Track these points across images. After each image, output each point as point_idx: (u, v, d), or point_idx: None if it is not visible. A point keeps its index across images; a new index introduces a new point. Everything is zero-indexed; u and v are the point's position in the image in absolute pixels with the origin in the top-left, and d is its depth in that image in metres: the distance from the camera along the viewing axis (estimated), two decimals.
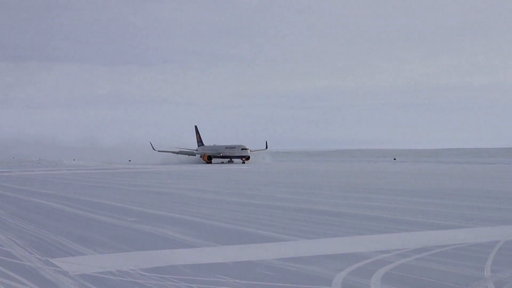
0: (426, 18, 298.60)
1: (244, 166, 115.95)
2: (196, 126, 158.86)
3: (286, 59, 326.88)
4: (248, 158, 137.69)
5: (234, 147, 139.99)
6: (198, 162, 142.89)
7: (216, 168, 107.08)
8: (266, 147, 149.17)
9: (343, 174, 76.36)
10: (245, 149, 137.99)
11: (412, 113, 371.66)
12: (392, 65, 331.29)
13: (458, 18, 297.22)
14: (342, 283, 13.67)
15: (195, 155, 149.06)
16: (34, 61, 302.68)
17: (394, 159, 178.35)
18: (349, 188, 47.88)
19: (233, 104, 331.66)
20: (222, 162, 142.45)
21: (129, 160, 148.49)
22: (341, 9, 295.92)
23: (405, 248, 18.12)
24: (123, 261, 16.38)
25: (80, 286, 13.55)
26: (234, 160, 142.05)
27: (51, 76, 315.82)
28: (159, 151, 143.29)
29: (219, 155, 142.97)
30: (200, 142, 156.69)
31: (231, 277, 14.32)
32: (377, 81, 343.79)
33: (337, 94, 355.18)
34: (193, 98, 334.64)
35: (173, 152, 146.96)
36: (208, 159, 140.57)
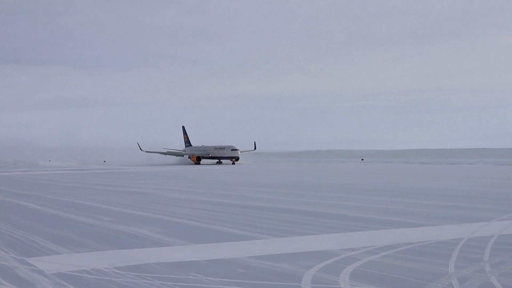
0: (390, 23, 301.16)
1: (216, 167, 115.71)
2: (183, 126, 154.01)
3: (259, 63, 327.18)
4: (237, 159, 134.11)
5: (224, 148, 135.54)
6: (186, 163, 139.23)
7: (197, 168, 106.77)
8: (255, 148, 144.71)
9: (313, 174, 76.59)
10: (235, 149, 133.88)
11: (379, 115, 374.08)
12: (359, 69, 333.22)
13: (421, 23, 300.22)
14: (312, 280, 13.73)
15: (183, 155, 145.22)
16: (11, 64, 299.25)
17: (362, 159, 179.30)
18: (318, 187, 48.05)
19: (207, 106, 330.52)
20: (219, 161, 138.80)
21: (104, 161, 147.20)
22: (311, 14, 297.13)
23: (373, 246, 18.24)
24: (98, 260, 16.27)
25: (56, 285, 13.43)
26: (223, 161, 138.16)
27: (28, 78, 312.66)
28: (146, 151, 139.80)
29: (208, 155, 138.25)
30: (187, 142, 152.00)
31: (204, 275, 14.29)
32: (345, 84, 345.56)
33: (309, 96, 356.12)
34: (168, 100, 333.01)
35: (160, 153, 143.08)
36: (197, 160, 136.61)
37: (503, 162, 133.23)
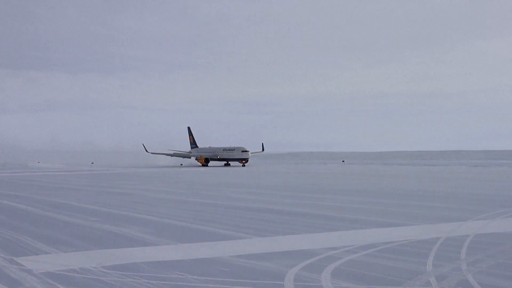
0: (369, 29, 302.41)
1: (202, 169, 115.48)
2: (189, 127, 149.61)
3: (242, 67, 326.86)
4: (247, 160, 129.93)
5: (234, 149, 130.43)
6: (193, 165, 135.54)
7: (182, 170, 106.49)
8: (263, 149, 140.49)
9: (295, 176, 76.69)
10: (246, 151, 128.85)
11: (359, 118, 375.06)
12: (339, 73, 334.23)
13: (399, 30, 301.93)
14: (294, 278, 13.70)
15: (190, 157, 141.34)
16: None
17: (343, 161, 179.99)
18: (300, 188, 48.09)
19: (191, 109, 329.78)
20: (227, 163, 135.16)
21: (92, 163, 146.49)
22: (292, 20, 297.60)
23: (353, 245, 18.26)
24: (86, 259, 16.15)
25: (44, 284, 13.30)
26: (232, 162, 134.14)
27: (16, 82, 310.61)
28: (152, 153, 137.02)
29: (216, 157, 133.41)
30: (193, 144, 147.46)
31: (189, 274, 14.23)
32: (326, 87, 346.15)
33: (289, 100, 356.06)
34: (153, 104, 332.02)
35: (166, 154, 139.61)
36: (205, 162, 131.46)
37: (478, 164, 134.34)
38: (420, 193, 41.14)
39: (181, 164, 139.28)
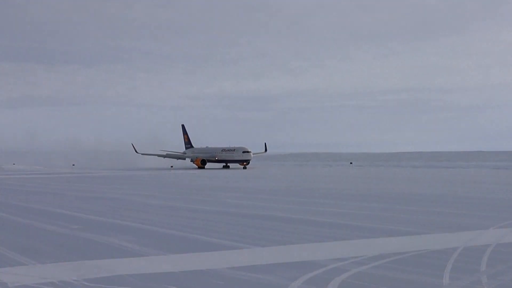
0: (380, 17, 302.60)
1: (196, 171, 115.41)
2: (183, 125, 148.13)
3: (239, 59, 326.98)
4: (248, 162, 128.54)
5: (234, 150, 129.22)
6: (188, 167, 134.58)
7: (172, 172, 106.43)
8: (266, 150, 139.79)
9: (297, 179, 76.69)
10: (247, 151, 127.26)
11: (369, 115, 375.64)
12: (347, 65, 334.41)
13: (413, 18, 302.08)
14: None
15: (184, 158, 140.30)
16: None
17: (351, 163, 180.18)
18: (304, 193, 48.09)
19: (182, 105, 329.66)
20: (226, 165, 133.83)
21: (73, 164, 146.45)
22: (294, 8, 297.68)
23: (362, 256, 18.25)
24: (66, 271, 16.13)
25: None
26: (231, 164, 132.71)
27: None
28: (142, 154, 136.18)
29: (214, 158, 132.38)
30: (188, 143, 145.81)
31: (179, 287, 14.22)
32: (332, 81, 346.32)
33: (291, 95, 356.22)
34: (141, 99, 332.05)
35: (158, 156, 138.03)
36: (202, 164, 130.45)
37: (500, 166, 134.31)
38: (435, 198, 41.14)
39: (172, 166, 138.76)
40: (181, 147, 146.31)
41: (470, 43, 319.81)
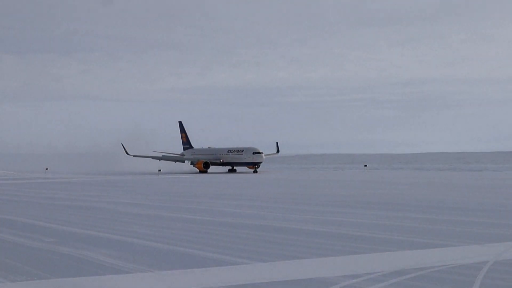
0: None
1: (186, 176, 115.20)
2: (180, 122, 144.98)
3: (236, 46, 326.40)
4: (259, 165, 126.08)
5: (242, 151, 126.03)
6: (186, 171, 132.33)
7: (160, 177, 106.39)
8: (278, 151, 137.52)
9: (305, 184, 76.68)
10: (258, 152, 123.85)
11: (385, 111, 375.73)
12: (359, 53, 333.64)
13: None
14: None
15: (183, 161, 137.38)
16: None
17: (365, 165, 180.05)
18: (312, 200, 48.08)
19: (172, 99, 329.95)
20: (232, 169, 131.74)
21: (46, 168, 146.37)
22: None
23: (378, 272, 18.27)
24: None
25: None
26: (238, 168, 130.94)
27: None
28: (134, 156, 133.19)
29: (218, 161, 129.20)
30: (187, 143, 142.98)
31: None
32: (343, 72, 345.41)
33: (296, 88, 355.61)
34: (123, 93, 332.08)
35: (153, 158, 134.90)
36: (204, 167, 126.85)
37: None
38: (461, 206, 41.16)
39: (160, 170, 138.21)
40: (172, 147, 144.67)
41: (500, 29, 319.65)
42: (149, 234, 27.87)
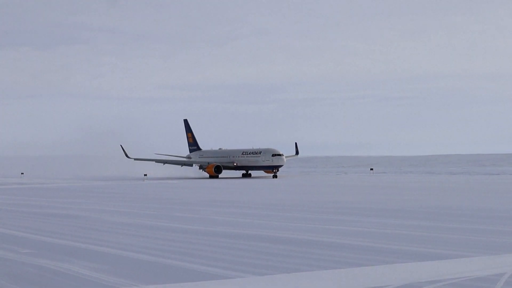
0: None
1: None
2: (186, 120, 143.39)
3: (230, 38, 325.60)
4: (278, 169, 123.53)
5: (259, 152, 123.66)
6: (189, 177, 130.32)
7: (146, 182, 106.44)
8: (297, 153, 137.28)
9: (306, 189, 76.76)
10: (279, 154, 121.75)
11: (393, 109, 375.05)
12: (366, 46, 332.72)
13: None
14: None
15: (191, 165, 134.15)
16: None
17: (371, 169, 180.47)
18: (313, 207, 48.11)
19: (158, 97, 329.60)
20: (246, 173, 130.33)
21: (22, 173, 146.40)
22: None
23: (388, 285, 18.24)
24: None
25: None
26: (253, 172, 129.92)
27: None
28: (135, 159, 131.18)
29: (232, 164, 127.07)
30: (194, 144, 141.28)
31: None
32: (347, 67, 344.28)
33: (297, 83, 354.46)
34: (106, 90, 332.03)
35: (156, 161, 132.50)
36: (216, 171, 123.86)
37: None
38: (477, 213, 41.24)
39: (145, 175, 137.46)
40: (173, 148, 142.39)
41: None
42: (138, 246, 27.79)
